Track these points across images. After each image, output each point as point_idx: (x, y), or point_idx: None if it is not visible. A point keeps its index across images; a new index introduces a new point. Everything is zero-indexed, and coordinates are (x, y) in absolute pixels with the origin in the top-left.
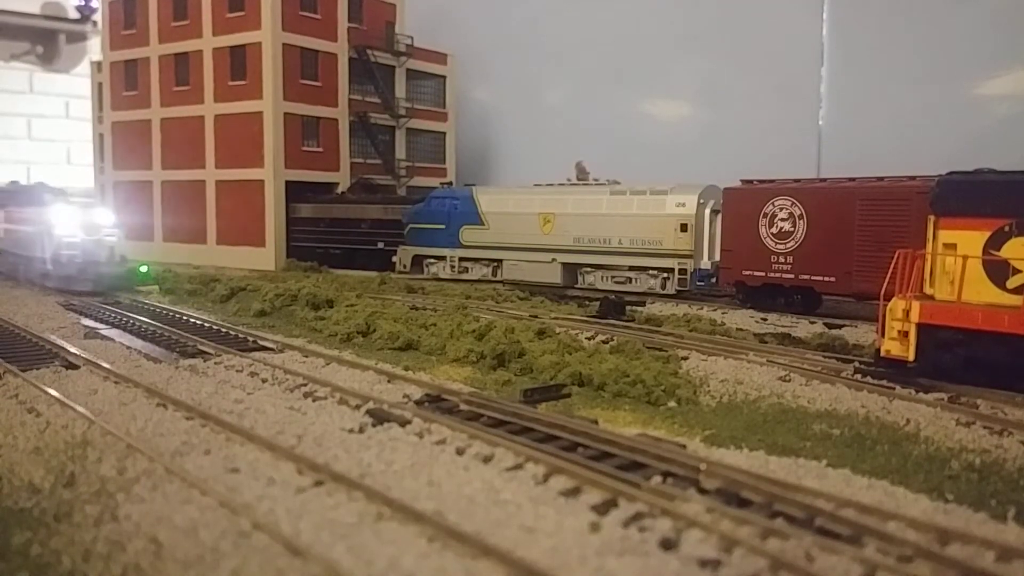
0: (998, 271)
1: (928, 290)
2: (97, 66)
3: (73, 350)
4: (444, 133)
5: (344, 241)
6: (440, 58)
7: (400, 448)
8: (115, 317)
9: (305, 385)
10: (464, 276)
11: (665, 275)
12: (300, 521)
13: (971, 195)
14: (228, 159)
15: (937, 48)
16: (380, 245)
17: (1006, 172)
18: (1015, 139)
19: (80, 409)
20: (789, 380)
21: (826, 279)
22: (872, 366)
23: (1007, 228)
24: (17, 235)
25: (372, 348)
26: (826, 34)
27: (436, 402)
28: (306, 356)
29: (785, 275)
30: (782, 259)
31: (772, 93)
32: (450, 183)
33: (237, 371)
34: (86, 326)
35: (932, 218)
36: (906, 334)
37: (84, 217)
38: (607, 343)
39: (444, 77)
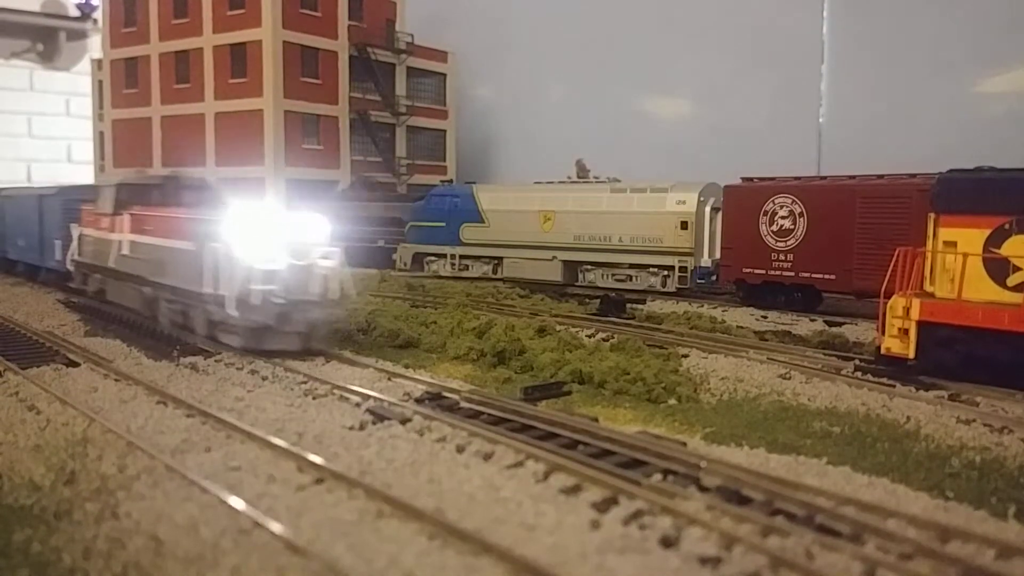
0: (998, 269)
1: (928, 288)
2: (97, 64)
3: (73, 347)
4: (444, 131)
5: (344, 239)
6: (440, 56)
7: (400, 446)
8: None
9: (305, 383)
10: (464, 274)
11: (665, 273)
12: (300, 519)
13: (971, 193)
14: (228, 157)
15: (937, 46)
16: (380, 243)
17: (1006, 170)
18: (1015, 137)
19: (79, 407)
20: (789, 378)
21: (826, 277)
22: (872, 364)
23: (1007, 226)
24: (155, 254)
25: (372, 346)
26: (826, 32)
27: (436, 400)
28: (306, 354)
29: (785, 273)
30: (782, 257)
31: (772, 91)
32: (450, 181)
33: (237, 369)
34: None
35: (932, 216)
36: (906, 332)
37: (286, 228)
38: (607, 341)
39: (444, 75)
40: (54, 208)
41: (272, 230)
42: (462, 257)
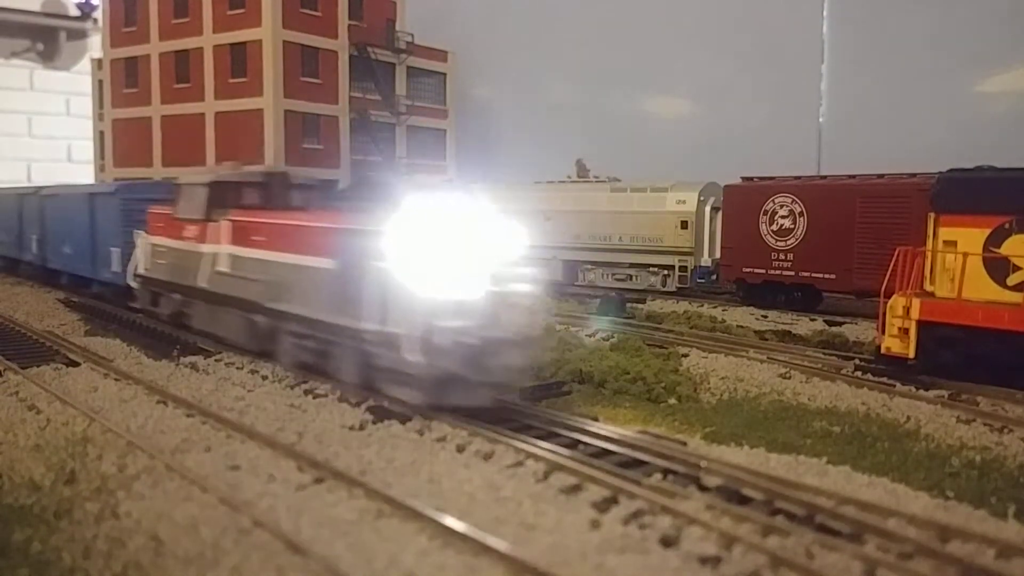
0: (998, 268)
1: (928, 287)
2: (97, 63)
3: (73, 347)
4: (444, 130)
5: None
6: (441, 55)
7: (400, 445)
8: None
9: (305, 382)
10: None
11: (666, 272)
12: (300, 518)
13: (971, 192)
14: (228, 156)
15: (937, 45)
16: None
17: (1006, 169)
18: (1015, 136)
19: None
20: (789, 377)
21: (826, 276)
22: (872, 363)
23: (1007, 225)
24: (276, 273)
25: None
26: (826, 31)
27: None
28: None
29: (785, 272)
30: (782, 256)
31: (773, 90)
32: (450, 180)
33: (237, 368)
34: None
35: (932, 215)
36: (906, 331)
37: (479, 239)
38: (607, 340)
39: (444, 74)
40: (111, 209)
41: (462, 242)
42: None
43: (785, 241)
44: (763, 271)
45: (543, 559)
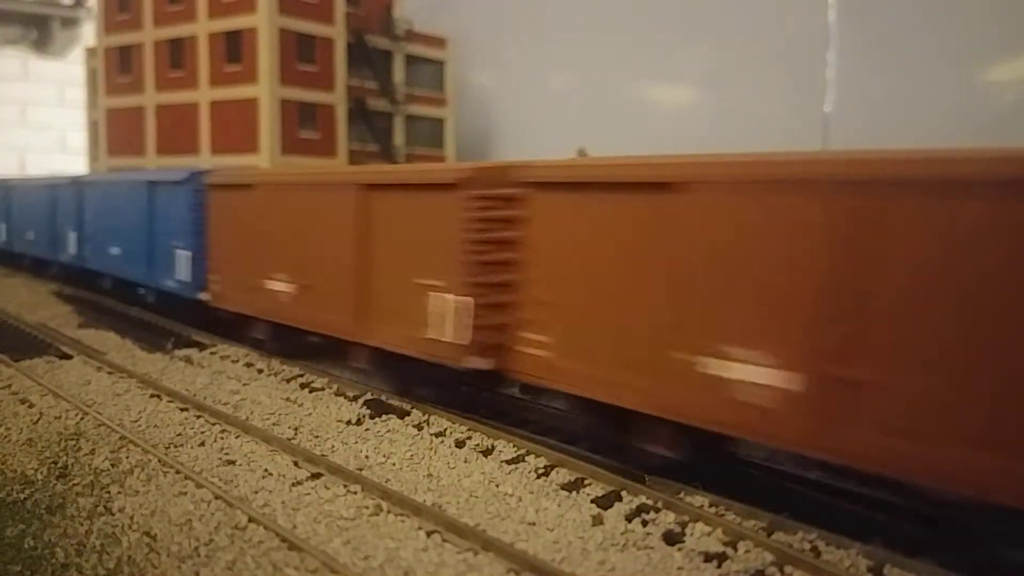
0: None
1: None
2: (91, 52)
3: (67, 339)
4: (443, 119)
5: None
6: (439, 43)
7: (399, 440)
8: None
9: (302, 376)
10: None
11: None
12: (297, 514)
13: None
14: (223, 145)
15: (946, 33)
16: None
17: None
18: None
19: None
20: None
21: None
22: None
23: None
24: None
25: None
26: (833, 19)
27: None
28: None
29: None
30: None
31: (777, 78)
32: None
33: (233, 361)
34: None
35: None
36: None
37: None
38: None
39: (443, 62)
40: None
41: None
42: None
43: None
44: None
45: (544, 556)
